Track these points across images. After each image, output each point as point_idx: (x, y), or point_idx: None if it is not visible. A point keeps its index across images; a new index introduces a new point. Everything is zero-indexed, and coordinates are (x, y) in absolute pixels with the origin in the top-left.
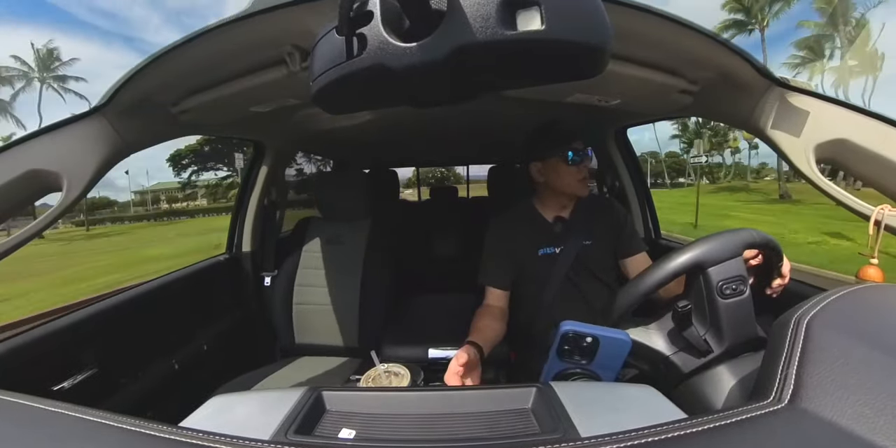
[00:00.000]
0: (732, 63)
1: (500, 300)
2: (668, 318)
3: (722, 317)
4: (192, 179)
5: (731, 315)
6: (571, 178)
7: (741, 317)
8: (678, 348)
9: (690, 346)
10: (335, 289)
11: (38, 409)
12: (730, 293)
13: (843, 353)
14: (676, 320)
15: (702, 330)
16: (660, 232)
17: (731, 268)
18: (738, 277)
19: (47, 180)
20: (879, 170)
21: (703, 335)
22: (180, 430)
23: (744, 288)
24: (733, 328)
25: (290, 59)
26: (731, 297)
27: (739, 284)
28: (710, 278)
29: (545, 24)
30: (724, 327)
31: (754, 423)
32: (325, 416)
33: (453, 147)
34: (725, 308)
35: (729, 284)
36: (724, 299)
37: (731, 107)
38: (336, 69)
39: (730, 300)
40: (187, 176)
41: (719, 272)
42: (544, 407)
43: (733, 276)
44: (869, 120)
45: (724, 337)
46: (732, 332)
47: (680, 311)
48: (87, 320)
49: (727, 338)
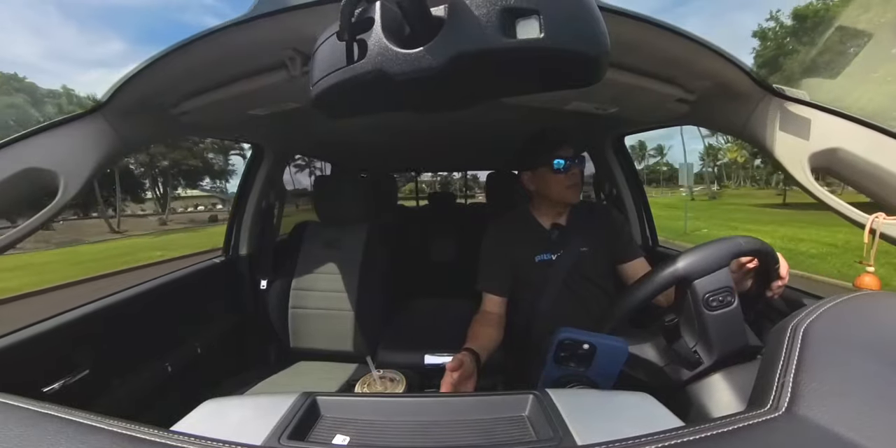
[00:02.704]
0: (728, 72)
1: (497, 306)
2: (658, 330)
3: (710, 329)
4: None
5: (718, 327)
6: (559, 185)
7: (730, 328)
8: (670, 360)
9: (681, 359)
10: (332, 293)
11: (28, 411)
12: (716, 305)
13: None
14: (665, 333)
15: (691, 342)
16: (657, 239)
17: (718, 279)
18: (724, 289)
19: (44, 179)
20: (873, 178)
21: (692, 347)
22: (172, 434)
23: (731, 299)
24: (722, 340)
25: (291, 64)
26: (719, 309)
27: (727, 296)
28: (696, 291)
29: (544, 32)
30: (712, 339)
31: (752, 431)
32: (319, 422)
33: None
34: (713, 320)
35: (716, 296)
36: (710, 311)
37: (728, 116)
38: (336, 74)
39: (717, 312)
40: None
41: (705, 284)
42: (540, 414)
43: (720, 287)
44: (863, 129)
45: (713, 349)
46: (722, 343)
47: (667, 324)
48: (80, 321)
49: (717, 349)
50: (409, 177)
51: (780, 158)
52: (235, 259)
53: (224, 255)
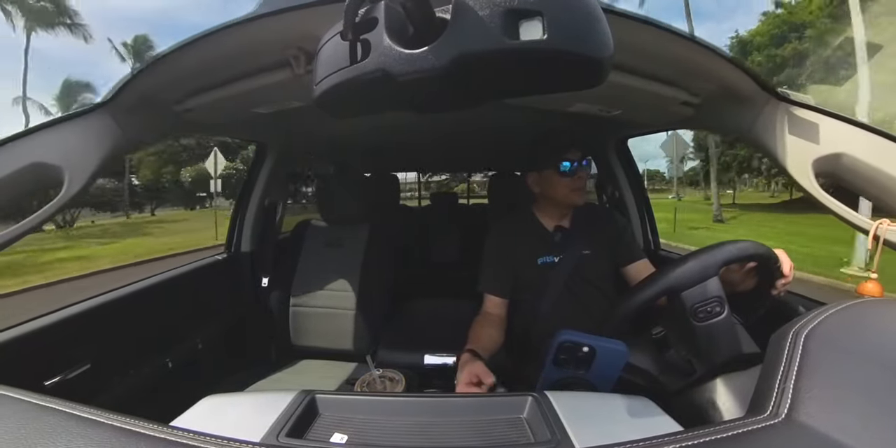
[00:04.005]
0: (733, 76)
1: (498, 308)
2: (649, 340)
3: (699, 340)
4: None
5: (708, 337)
6: (564, 188)
7: (718, 338)
8: (663, 369)
9: (674, 368)
10: (333, 292)
11: (29, 404)
12: (704, 316)
13: (841, 368)
14: (655, 344)
15: (682, 352)
16: (659, 243)
17: (706, 290)
18: (713, 299)
19: (49, 174)
20: (878, 184)
21: (684, 357)
22: (171, 430)
23: (720, 309)
24: (713, 350)
25: (295, 62)
26: (707, 320)
27: (715, 306)
28: (684, 302)
29: (547, 34)
30: (702, 350)
31: (751, 437)
32: (317, 420)
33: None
34: (701, 331)
35: (703, 307)
36: (698, 323)
37: (732, 119)
38: (339, 73)
39: (705, 323)
40: None
41: (693, 296)
42: (539, 416)
43: (708, 298)
44: (869, 134)
45: (704, 359)
46: (712, 353)
47: (654, 337)
48: (82, 316)
49: (707, 359)
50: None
51: (785, 163)
52: (237, 256)
53: (226, 253)
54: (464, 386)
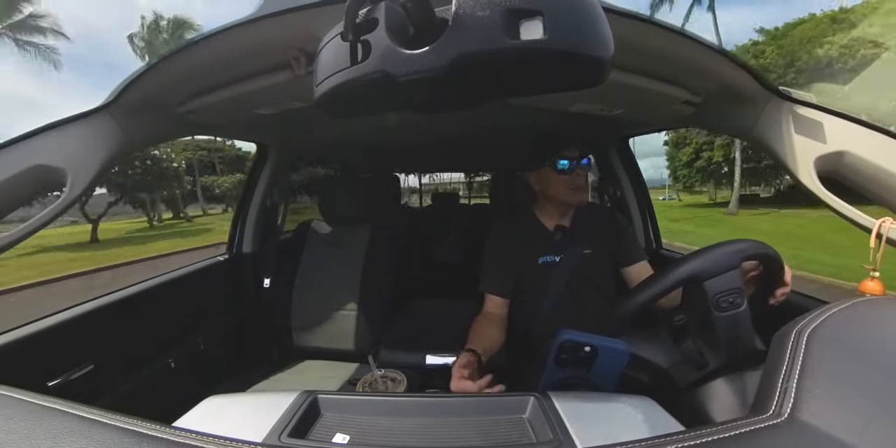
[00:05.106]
0: (734, 74)
1: (499, 308)
2: (665, 330)
3: (718, 330)
4: None
5: (727, 329)
6: (562, 186)
7: (738, 330)
8: (675, 361)
9: (687, 360)
10: (334, 292)
11: (32, 404)
12: (726, 306)
13: (844, 367)
14: (672, 334)
15: (698, 343)
16: (661, 242)
17: (728, 280)
18: (734, 290)
19: (52, 176)
20: (881, 182)
21: (699, 349)
22: (173, 430)
23: (741, 301)
24: (730, 342)
25: (296, 63)
26: (728, 311)
27: (736, 297)
28: (707, 291)
29: (547, 34)
30: (720, 341)
31: (754, 437)
32: (319, 420)
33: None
34: (722, 321)
35: (725, 297)
36: (720, 313)
37: (733, 118)
38: (340, 74)
39: (726, 313)
40: None
41: (716, 285)
42: (541, 416)
43: (730, 288)
44: (871, 132)
45: (720, 351)
46: (729, 345)
47: (675, 324)
48: (85, 316)
49: (724, 352)
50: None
51: (787, 161)
52: (239, 257)
53: (228, 253)
54: (457, 381)
